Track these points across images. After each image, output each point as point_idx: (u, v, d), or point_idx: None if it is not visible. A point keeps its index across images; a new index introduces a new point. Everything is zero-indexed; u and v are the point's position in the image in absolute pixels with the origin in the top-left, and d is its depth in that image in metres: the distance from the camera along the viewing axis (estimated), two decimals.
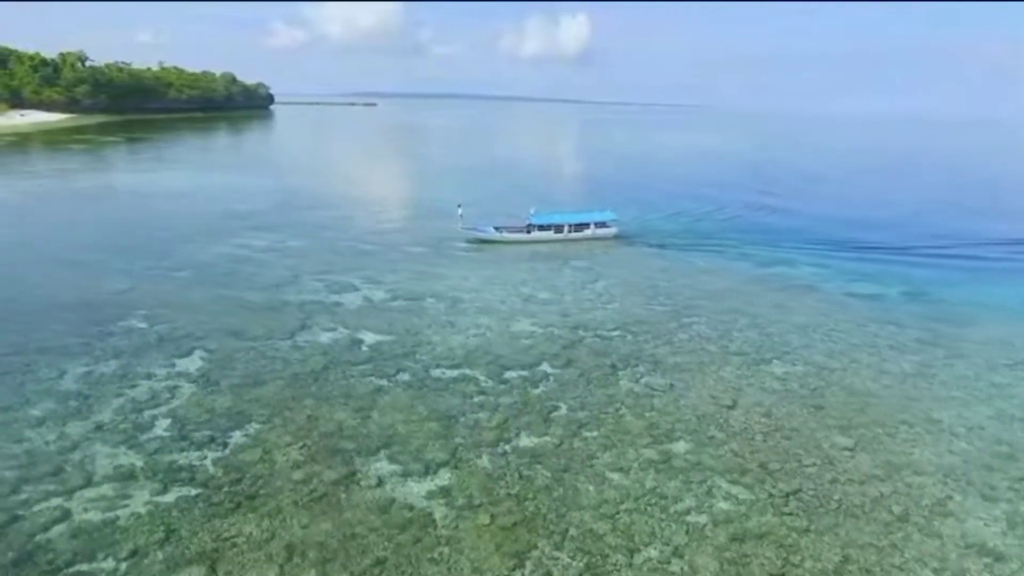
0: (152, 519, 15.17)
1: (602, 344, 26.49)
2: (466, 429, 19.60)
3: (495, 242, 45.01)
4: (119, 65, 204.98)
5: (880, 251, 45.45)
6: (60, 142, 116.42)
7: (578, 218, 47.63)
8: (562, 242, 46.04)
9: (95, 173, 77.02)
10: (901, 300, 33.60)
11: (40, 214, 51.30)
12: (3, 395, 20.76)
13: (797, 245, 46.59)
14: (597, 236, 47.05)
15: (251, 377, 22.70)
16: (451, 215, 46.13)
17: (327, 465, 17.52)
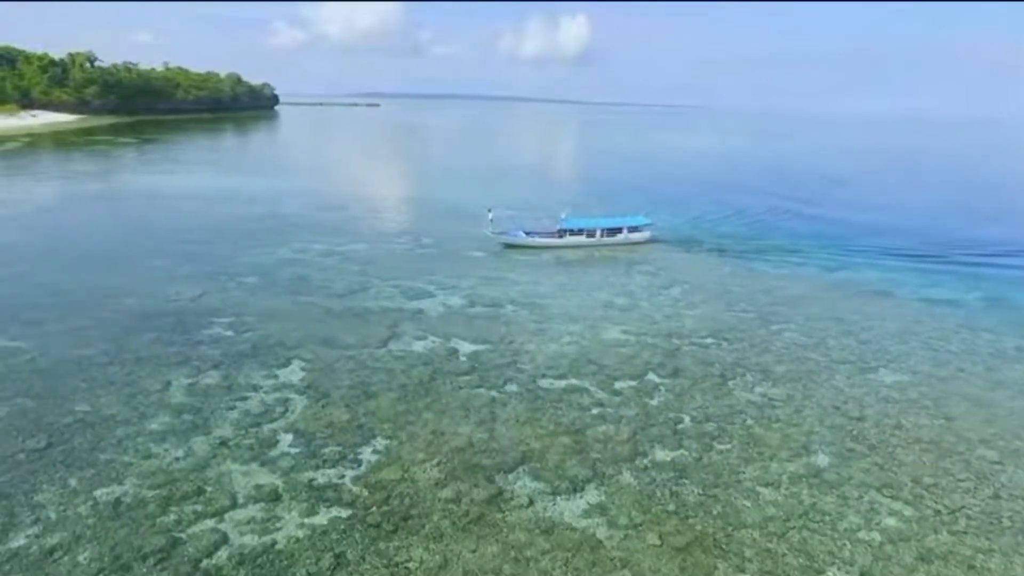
0: (313, 543, 14.70)
1: (702, 352, 26.08)
2: (598, 443, 19.18)
3: (526, 247, 43.98)
4: (128, 65, 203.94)
5: (935, 255, 44.96)
6: (77, 143, 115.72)
7: (611, 222, 46.79)
8: (595, 247, 45.05)
9: (122, 175, 76.36)
10: (983, 306, 33.27)
11: (84, 217, 50.68)
12: (117, 408, 20.27)
13: (848, 248, 46.22)
14: (630, 240, 46.21)
15: (359, 388, 22.24)
16: (505, 219, 45.77)
17: (471, 483, 17.07)
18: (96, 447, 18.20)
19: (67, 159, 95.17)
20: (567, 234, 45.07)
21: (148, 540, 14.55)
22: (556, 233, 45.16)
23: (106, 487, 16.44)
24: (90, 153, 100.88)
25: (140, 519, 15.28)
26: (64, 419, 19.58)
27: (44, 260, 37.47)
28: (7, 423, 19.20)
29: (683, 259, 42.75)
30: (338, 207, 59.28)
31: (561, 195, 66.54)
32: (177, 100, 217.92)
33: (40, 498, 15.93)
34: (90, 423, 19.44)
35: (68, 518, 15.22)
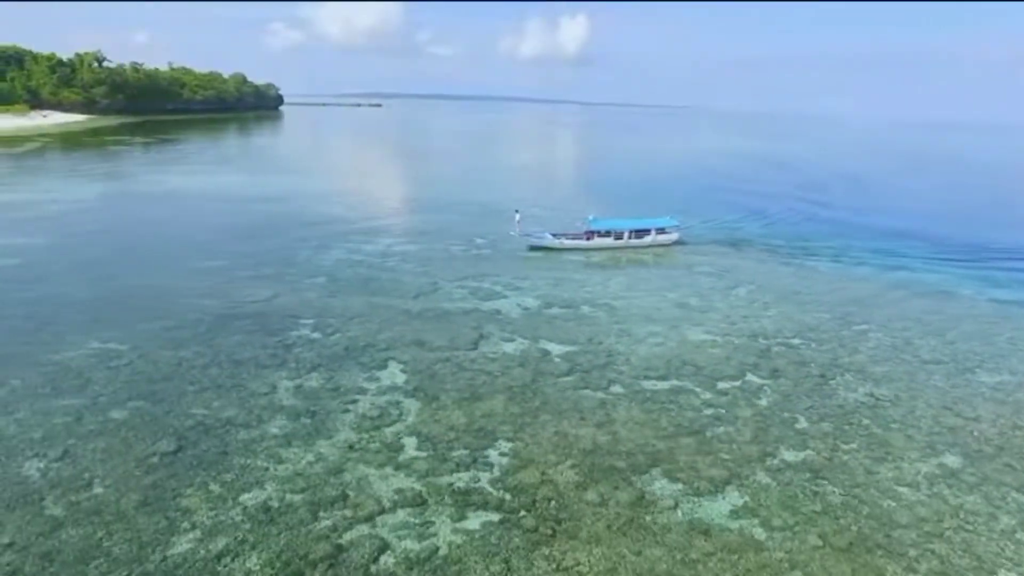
0: (476, 548, 14.65)
1: (793, 353, 26.10)
2: (722, 444, 19.17)
3: (553, 249, 43.26)
4: (135, 65, 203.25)
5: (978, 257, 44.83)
6: (95, 143, 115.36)
7: (639, 224, 45.96)
8: (623, 249, 44.45)
9: (151, 175, 75.81)
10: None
11: (131, 217, 50.45)
12: (232, 411, 20.19)
13: (892, 250, 45.96)
14: (658, 242, 45.48)
15: (466, 391, 22.19)
16: (529, 219, 45.56)
17: (611, 485, 17.04)
18: (225, 451, 18.14)
19: (91, 159, 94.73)
20: (595, 236, 44.45)
21: (312, 546, 14.49)
22: (583, 235, 44.54)
23: (249, 492, 16.38)
24: (112, 153, 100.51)
25: (295, 525, 15.23)
26: (185, 422, 19.52)
27: (106, 260, 37.30)
28: (131, 426, 19.12)
29: (729, 261, 42.50)
30: (374, 207, 59.28)
31: (584, 196, 66.73)
32: (184, 100, 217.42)
33: (187, 503, 15.86)
34: (210, 426, 19.38)
35: (224, 523, 15.15)
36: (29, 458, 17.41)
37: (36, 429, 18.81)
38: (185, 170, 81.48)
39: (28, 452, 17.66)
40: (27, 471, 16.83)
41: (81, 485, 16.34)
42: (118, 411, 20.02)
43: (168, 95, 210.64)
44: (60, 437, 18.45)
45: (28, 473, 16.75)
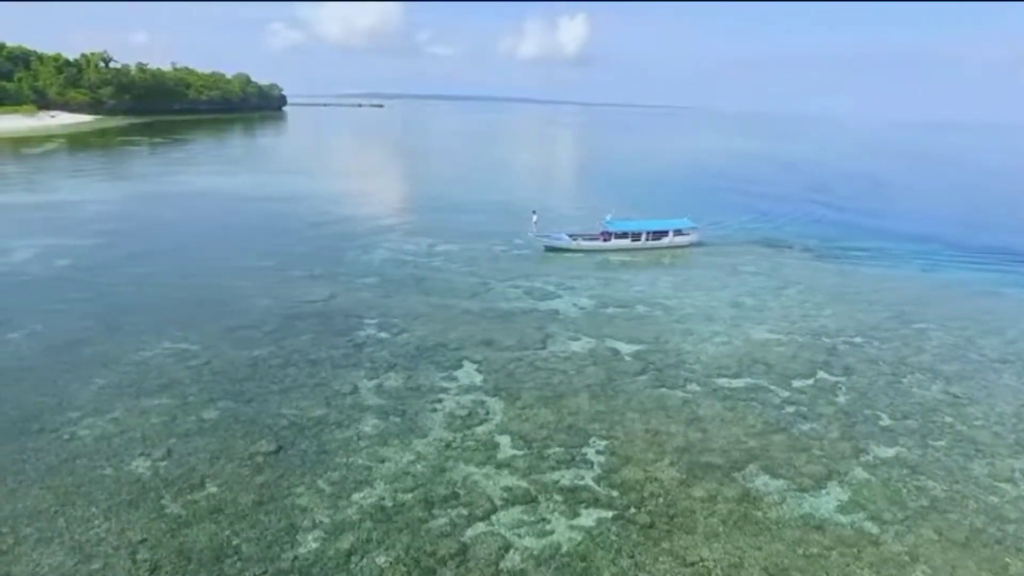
0: (598, 544, 14.81)
1: (859, 351, 26.34)
2: (812, 441, 19.38)
3: (570, 250, 42.57)
4: (140, 66, 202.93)
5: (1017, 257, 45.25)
6: (110, 144, 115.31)
7: (656, 225, 45.48)
8: (641, 250, 43.90)
9: (176, 175, 75.62)
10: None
11: (165, 218, 50.35)
12: (320, 410, 20.30)
13: (924, 250, 46.38)
14: (675, 244, 45.02)
15: (546, 389, 22.37)
16: (560, 219, 45.66)
17: (714, 481, 17.25)
18: (325, 450, 18.29)
19: (111, 160, 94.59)
20: (611, 237, 43.92)
21: (436, 544, 14.66)
22: (600, 236, 43.98)
23: (360, 491, 16.53)
24: (130, 154, 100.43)
25: (413, 523, 15.39)
26: (278, 422, 19.66)
27: (155, 261, 37.41)
28: (226, 426, 19.27)
29: (766, 262, 42.60)
30: (401, 207, 59.57)
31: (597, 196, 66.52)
32: (189, 100, 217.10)
33: (302, 502, 16.01)
34: (304, 426, 19.52)
35: (344, 522, 15.31)
36: (136, 457, 17.56)
37: (135, 429, 18.95)
38: (207, 171, 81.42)
39: (134, 451, 17.81)
40: (138, 470, 16.97)
41: (194, 484, 16.50)
42: (209, 411, 20.16)
43: (174, 95, 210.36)
44: (160, 436, 18.59)
45: (140, 472, 16.89)
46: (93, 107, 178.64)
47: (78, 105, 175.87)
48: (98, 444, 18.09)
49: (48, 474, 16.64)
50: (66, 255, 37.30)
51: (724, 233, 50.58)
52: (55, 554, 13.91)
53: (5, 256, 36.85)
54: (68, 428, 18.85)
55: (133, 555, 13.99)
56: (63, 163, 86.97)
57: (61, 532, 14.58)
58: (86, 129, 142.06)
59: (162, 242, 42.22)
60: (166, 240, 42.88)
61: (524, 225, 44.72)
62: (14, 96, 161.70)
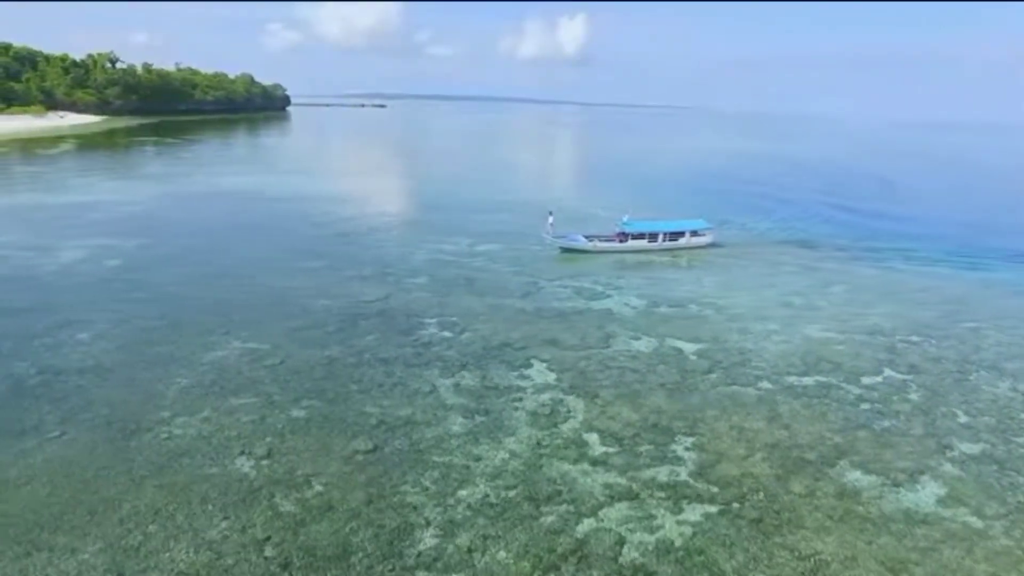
0: (711, 539, 15.04)
1: (918, 349, 26.65)
2: (895, 437, 19.67)
3: (586, 251, 42.23)
4: (147, 66, 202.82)
5: None
6: (125, 144, 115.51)
7: (673, 226, 45.14)
8: (658, 251, 43.57)
9: (200, 175, 75.69)
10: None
11: (201, 217, 50.67)
12: (405, 409, 20.50)
13: (947, 248, 46.61)
14: (692, 245, 44.79)
15: (621, 388, 22.62)
16: (588, 219, 45.67)
17: (809, 477, 17.51)
18: (419, 449, 18.52)
19: (132, 160, 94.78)
20: (629, 238, 43.50)
21: (552, 540, 14.89)
22: (617, 237, 43.59)
23: (463, 489, 16.76)
24: (148, 154, 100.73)
25: (524, 519, 15.61)
26: (367, 420, 19.89)
27: (204, 260, 37.67)
28: (318, 425, 19.48)
29: (795, 260, 43.02)
30: (429, 207, 59.71)
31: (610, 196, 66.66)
32: (195, 101, 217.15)
33: (411, 500, 16.24)
34: (393, 425, 19.74)
35: (456, 519, 15.52)
36: (237, 456, 17.77)
37: (229, 428, 19.16)
38: (228, 171, 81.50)
39: (234, 450, 18.02)
40: (243, 469, 17.19)
41: (300, 482, 16.71)
42: (296, 410, 20.38)
43: (180, 96, 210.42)
44: (256, 436, 18.80)
45: (245, 471, 17.11)
46: (100, 107, 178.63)
47: (85, 105, 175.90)
48: (197, 443, 18.30)
49: (158, 473, 16.86)
50: (114, 255, 37.49)
51: (736, 233, 50.47)
52: (185, 551, 14.13)
53: (53, 256, 37.01)
54: (163, 427, 19.07)
55: (261, 552, 14.21)
56: (85, 163, 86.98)
57: (185, 530, 14.80)
58: (95, 129, 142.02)
59: (203, 242, 42.45)
60: (207, 240, 43.11)
61: (566, 226, 44.77)
62: (22, 97, 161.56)
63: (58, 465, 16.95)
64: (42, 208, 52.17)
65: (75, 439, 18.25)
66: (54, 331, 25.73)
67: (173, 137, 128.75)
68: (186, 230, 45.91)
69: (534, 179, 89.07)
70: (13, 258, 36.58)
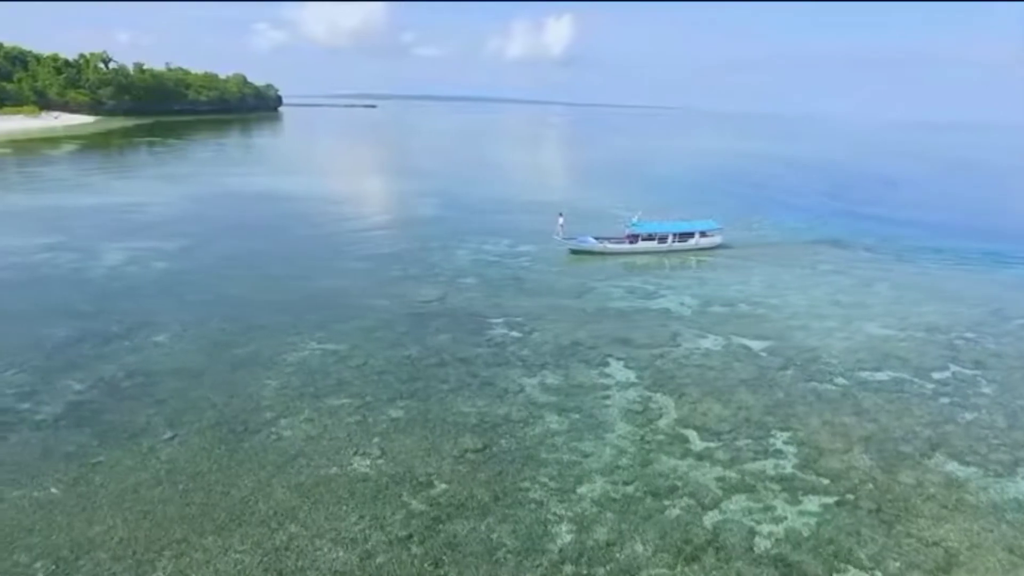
0: (838, 529, 15.47)
1: (978, 345, 27.36)
2: (983, 429, 20.27)
3: (596, 253, 42.12)
4: (139, 66, 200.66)
5: None
6: (126, 144, 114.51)
7: (683, 227, 45.03)
8: (667, 253, 43.39)
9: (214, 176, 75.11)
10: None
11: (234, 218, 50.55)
12: (500, 408, 20.80)
13: (974, 247, 47.55)
14: (701, 246, 44.66)
15: (704, 385, 23.04)
16: (610, 217, 45.88)
17: (912, 468, 18.01)
18: (526, 447, 18.79)
19: (140, 160, 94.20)
20: (639, 239, 43.36)
21: (685, 531, 15.27)
22: (627, 238, 43.44)
23: (583, 485, 17.05)
24: (154, 154, 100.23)
25: (652, 513, 15.93)
26: (466, 420, 20.13)
27: (252, 262, 37.89)
28: (421, 425, 19.70)
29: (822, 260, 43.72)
30: (453, 206, 59.97)
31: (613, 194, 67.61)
32: (189, 101, 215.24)
33: (534, 496, 16.52)
34: (494, 423, 19.98)
35: (585, 514, 15.80)
36: (353, 456, 17.95)
37: (334, 428, 19.33)
38: (241, 171, 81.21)
39: (348, 451, 18.19)
40: (361, 468, 17.37)
41: (423, 481, 16.93)
42: (394, 410, 20.58)
43: (173, 96, 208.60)
44: (364, 436, 18.97)
45: (364, 471, 17.29)
46: (93, 108, 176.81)
47: (78, 106, 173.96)
48: (309, 444, 18.47)
49: (280, 474, 17.01)
50: (159, 257, 37.40)
51: (742, 234, 49.63)
52: (333, 550, 14.33)
53: (98, 258, 36.85)
54: (270, 429, 19.20)
55: (407, 549, 14.45)
56: (94, 164, 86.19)
57: (326, 529, 14.99)
58: (92, 130, 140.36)
59: (242, 243, 42.44)
60: (245, 241, 43.10)
61: (582, 226, 45.11)
62: (15, 97, 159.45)
63: (182, 467, 17.07)
64: (66, 210, 51.72)
65: (187, 441, 18.36)
66: (129, 334, 25.72)
67: (175, 138, 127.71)
68: (220, 231, 45.83)
69: (542, 179, 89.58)
70: (59, 260, 36.39)
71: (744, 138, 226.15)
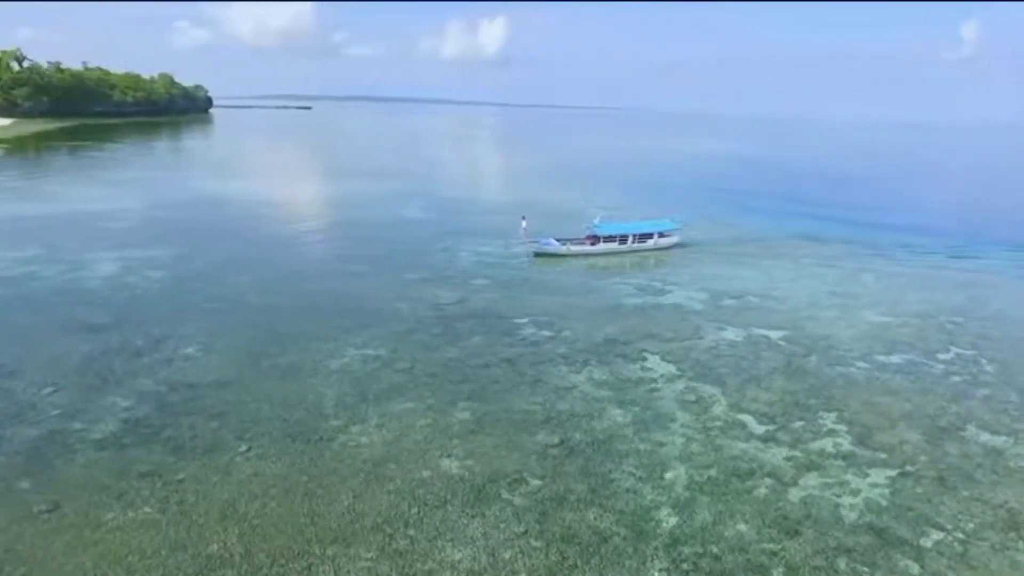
0: (911, 497, 16.78)
1: (967, 329, 29.83)
2: (1000, 403, 22.25)
3: (559, 255, 42.03)
4: (57, 65, 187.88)
5: None
6: (58, 148, 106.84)
7: (643, 227, 45.70)
8: (628, 253, 43.95)
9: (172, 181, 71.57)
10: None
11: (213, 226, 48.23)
12: (563, 404, 21.23)
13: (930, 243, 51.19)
14: (661, 245, 45.51)
15: (742, 373, 24.20)
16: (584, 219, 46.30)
17: (955, 440, 19.65)
18: (600, 440, 19.30)
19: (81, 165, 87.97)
20: (600, 240, 43.79)
21: (779, 507, 16.25)
22: (588, 240, 43.80)
23: (667, 472, 17.73)
24: (94, 159, 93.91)
25: (740, 493, 16.81)
26: (532, 417, 20.48)
27: (252, 268, 36.59)
28: (491, 424, 19.90)
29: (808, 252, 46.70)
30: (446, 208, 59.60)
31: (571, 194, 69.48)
32: (113, 103, 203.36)
33: (626, 485, 17.07)
34: (560, 419, 20.43)
35: (681, 498, 16.52)
36: (440, 458, 17.97)
37: (410, 433, 19.23)
38: (196, 175, 77.71)
39: (432, 453, 18.20)
40: (453, 470, 17.44)
41: (516, 478, 17.16)
42: (459, 412, 20.65)
43: (95, 97, 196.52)
44: (442, 438, 18.98)
45: (455, 471, 17.37)
46: (7, 110, 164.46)
47: None
48: (391, 449, 18.35)
49: (375, 479, 16.86)
50: (153, 266, 35.68)
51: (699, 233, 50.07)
52: (455, 550, 14.41)
53: (90, 270, 34.89)
54: (344, 436, 18.95)
55: (528, 544, 14.71)
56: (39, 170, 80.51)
57: (442, 530, 15.06)
58: (12, 133, 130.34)
59: (233, 248, 41.29)
60: (234, 246, 41.93)
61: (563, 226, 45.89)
62: None
63: (270, 479, 16.66)
64: (32, 220, 48.26)
65: (265, 453, 17.89)
66: (156, 347, 24.60)
67: (111, 142, 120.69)
68: (204, 237, 44.08)
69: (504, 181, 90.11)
70: (46, 273, 34.17)
71: (689, 137, 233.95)
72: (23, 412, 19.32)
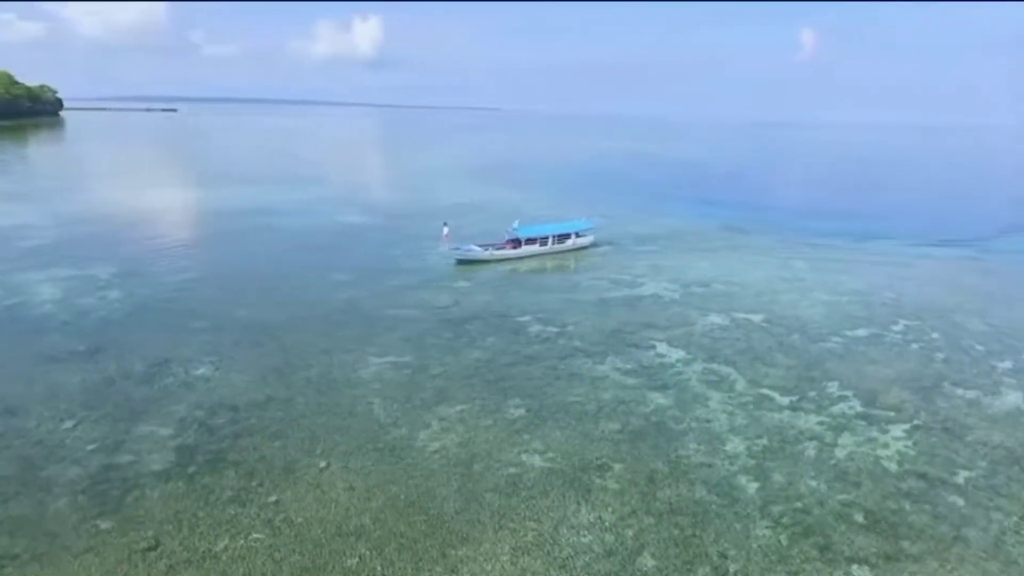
0: (933, 446, 19.42)
1: (901, 304, 34.12)
2: (961, 363, 25.99)
3: (482, 261, 41.70)
4: None
5: None
6: None
7: (561, 228, 46.68)
8: (548, 255, 44.80)
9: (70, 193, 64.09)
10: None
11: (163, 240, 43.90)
12: (607, 394, 22.27)
13: (829, 229, 58.32)
14: (578, 245, 46.75)
15: (746, 354, 26.35)
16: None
17: (942, 395, 22.88)
18: (653, 422, 20.56)
19: None
20: (521, 244, 44.16)
21: (836, 466, 18.26)
22: (508, 244, 43.83)
23: (726, 445, 19.31)
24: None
25: (798, 457, 18.69)
26: (584, 408, 21.37)
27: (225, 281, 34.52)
28: (551, 418, 20.54)
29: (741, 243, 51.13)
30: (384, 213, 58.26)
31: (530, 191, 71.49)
32: None
33: (697, 460, 18.43)
34: (610, 408, 21.43)
35: (748, 466, 18.11)
36: (521, 454, 18.36)
37: (477, 435, 19.39)
38: (109, 186, 70.15)
39: (512, 451, 18.51)
40: (538, 463, 17.92)
41: (601, 466, 17.96)
42: (512, 410, 21.04)
43: None
44: (512, 437, 19.34)
45: (542, 465, 17.85)
46: None
47: None
48: (467, 451, 18.47)
49: (466, 480, 17.00)
50: (104, 285, 32.55)
51: (610, 232, 51.49)
52: (583, 535, 14.99)
53: (30, 294, 30.93)
54: (415, 443, 18.80)
55: (642, 522, 15.59)
56: None
57: (562, 518, 15.57)
58: None
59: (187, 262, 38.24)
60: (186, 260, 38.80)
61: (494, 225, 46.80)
62: None
63: (366, 492, 16.29)
64: None
65: (347, 467, 17.39)
66: (163, 370, 22.73)
67: None
68: (146, 253, 40.37)
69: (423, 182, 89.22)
70: None
71: (580, 136, 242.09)
72: (54, 451, 17.32)
